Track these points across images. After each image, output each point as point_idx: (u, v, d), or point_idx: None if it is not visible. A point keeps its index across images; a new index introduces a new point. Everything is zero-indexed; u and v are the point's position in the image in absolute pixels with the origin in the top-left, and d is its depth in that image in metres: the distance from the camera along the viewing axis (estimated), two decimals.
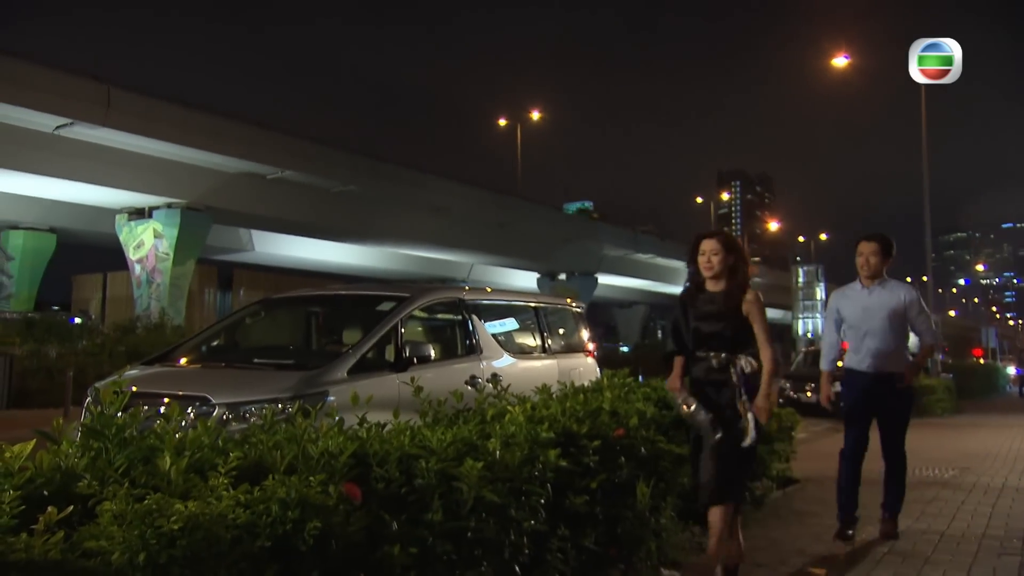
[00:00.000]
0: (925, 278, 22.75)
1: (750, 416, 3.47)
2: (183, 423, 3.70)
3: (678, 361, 3.77)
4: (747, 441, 3.45)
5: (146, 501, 1.84)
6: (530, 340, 6.32)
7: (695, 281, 3.77)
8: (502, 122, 42.94)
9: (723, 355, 3.60)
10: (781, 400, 12.66)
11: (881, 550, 4.29)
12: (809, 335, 32.69)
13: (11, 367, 13.48)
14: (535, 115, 43.16)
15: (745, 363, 3.59)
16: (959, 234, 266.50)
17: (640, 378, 5.04)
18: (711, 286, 3.70)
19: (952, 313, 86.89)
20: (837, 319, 4.69)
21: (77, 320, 21.89)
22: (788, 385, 14.91)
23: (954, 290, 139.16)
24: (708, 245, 3.67)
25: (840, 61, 26.84)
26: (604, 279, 41.60)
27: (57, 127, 19.61)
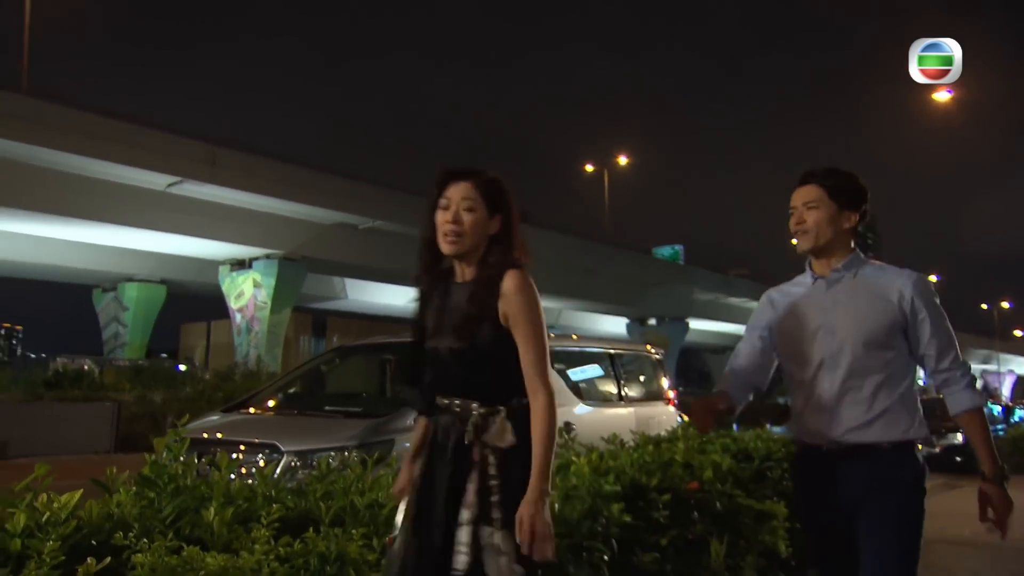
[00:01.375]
0: None
1: (498, 539, 1.77)
2: (253, 471, 3.76)
3: (419, 423, 2.06)
4: None
5: (183, 553, 1.82)
6: (606, 388, 6.17)
7: (428, 259, 2.04)
8: (589, 168, 43.07)
9: (474, 407, 1.88)
10: None
11: None
12: (920, 381, 30.71)
13: (119, 413, 14.23)
14: (622, 160, 43.12)
15: (502, 428, 1.85)
16: None
17: (735, 427, 4.70)
18: (460, 271, 2.03)
19: None
20: (764, 335, 2.47)
21: (182, 367, 23.06)
22: None
23: None
24: (456, 191, 1.97)
25: (943, 96, 25.66)
26: (695, 324, 40.67)
27: (168, 185, 20.97)
